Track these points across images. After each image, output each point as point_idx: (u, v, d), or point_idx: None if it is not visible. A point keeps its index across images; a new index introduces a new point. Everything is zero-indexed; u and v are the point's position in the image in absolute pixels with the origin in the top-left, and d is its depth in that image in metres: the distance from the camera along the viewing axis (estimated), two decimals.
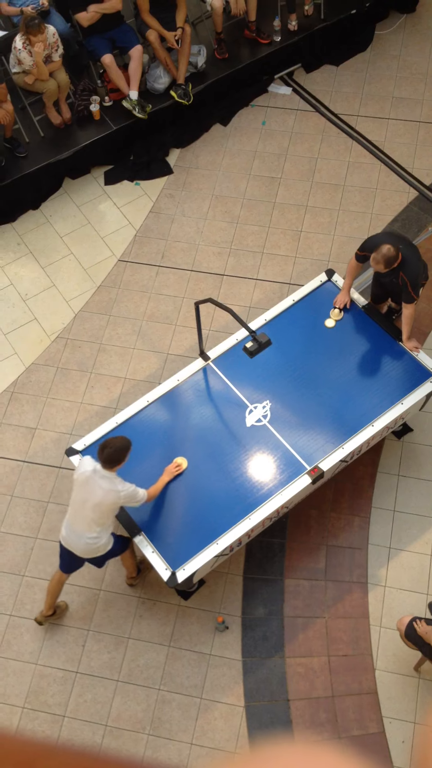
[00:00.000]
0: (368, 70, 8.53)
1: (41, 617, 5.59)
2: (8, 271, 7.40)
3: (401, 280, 5.53)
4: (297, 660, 5.55)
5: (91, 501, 4.84)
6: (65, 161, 7.71)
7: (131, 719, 5.42)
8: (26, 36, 7.00)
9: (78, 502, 4.91)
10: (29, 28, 6.91)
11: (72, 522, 4.98)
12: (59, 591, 5.50)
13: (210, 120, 8.22)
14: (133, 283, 7.24)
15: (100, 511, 4.86)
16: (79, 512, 4.92)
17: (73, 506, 4.96)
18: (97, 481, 4.80)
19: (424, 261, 5.89)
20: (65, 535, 5.06)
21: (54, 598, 5.52)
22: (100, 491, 4.80)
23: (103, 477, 4.80)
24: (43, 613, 5.59)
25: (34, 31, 6.91)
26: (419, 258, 5.70)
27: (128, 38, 7.65)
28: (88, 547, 5.01)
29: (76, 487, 4.92)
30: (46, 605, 5.56)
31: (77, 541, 5.00)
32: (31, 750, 0.59)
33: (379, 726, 5.30)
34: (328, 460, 5.41)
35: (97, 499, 4.82)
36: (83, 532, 4.95)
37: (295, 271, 7.20)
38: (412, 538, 5.94)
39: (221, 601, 5.76)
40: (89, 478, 4.83)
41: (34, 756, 0.58)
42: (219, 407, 5.70)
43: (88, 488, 4.83)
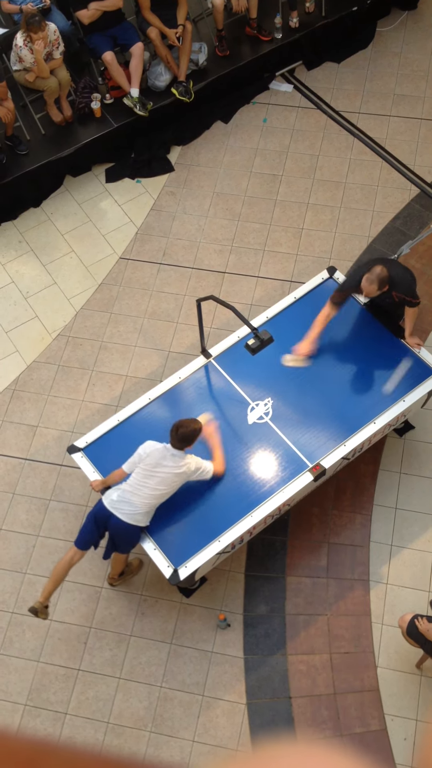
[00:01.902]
0: (369, 67, 8.52)
1: (39, 605, 5.20)
2: (9, 269, 7.40)
3: (397, 297, 5.51)
4: (299, 657, 5.55)
5: (160, 474, 4.95)
6: (66, 159, 7.71)
7: (133, 716, 5.43)
8: (27, 33, 7.00)
9: (146, 472, 4.99)
10: (30, 25, 6.91)
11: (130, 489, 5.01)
12: (64, 576, 5.23)
13: (211, 117, 8.21)
14: (135, 280, 7.24)
15: (163, 488, 4.98)
16: (143, 481, 4.99)
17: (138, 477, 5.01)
18: (164, 462, 4.95)
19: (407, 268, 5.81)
20: (115, 499, 5.04)
21: (56, 584, 5.24)
22: (166, 469, 4.94)
23: (172, 456, 4.96)
24: (41, 600, 5.22)
25: (34, 29, 6.90)
26: (404, 268, 5.61)
27: (129, 36, 7.64)
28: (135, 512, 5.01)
29: (146, 465, 4.99)
30: (47, 591, 5.23)
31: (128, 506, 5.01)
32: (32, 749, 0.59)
33: (381, 723, 5.31)
34: (329, 457, 5.41)
35: (162, 476, 4.94)
36: (142, 497, 4.99)
37: (296, 268, 7.20)
38: (414, 535, 5.94)
39: (223, 599, 5.76)
40: (161, 456, 4.96)
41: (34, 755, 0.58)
42: (221, 405, 5.70)
43: (157, 464, 4.96)
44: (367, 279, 5.33)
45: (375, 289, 5.35)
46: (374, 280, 5.30)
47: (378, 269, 5.33)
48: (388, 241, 7.28)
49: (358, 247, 7.29)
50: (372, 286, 5.33)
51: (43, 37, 6.99)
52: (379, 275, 5.30)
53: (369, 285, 5.34)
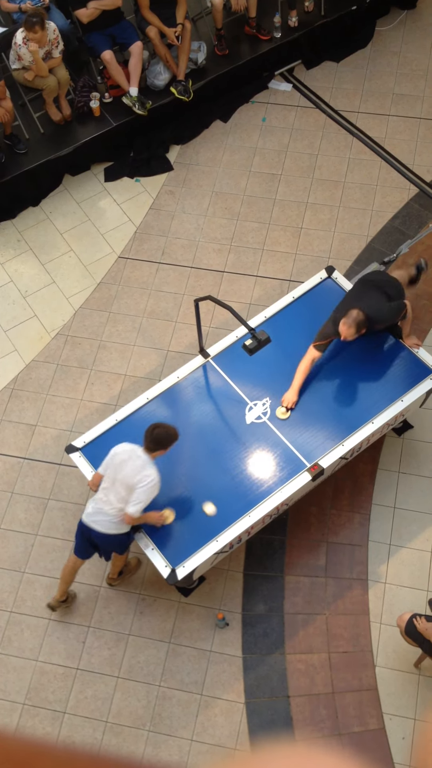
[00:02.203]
0: (369, 67, 8.52)
1: (55, 602, 5.62)
2: (8, 268, 7.40)
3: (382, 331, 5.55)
4: (297, 657, 5.55)
5: (121, 475, 4.90)
6: (65, 158, 7.71)
7: (132, 716, 5.43)
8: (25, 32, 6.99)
9: (112, 477, 4.96)
10: (26, 24, 6.90)
11: (103, 497, 5.00)
12: (72, 578, 5.52)
13: (210, 116, 8.21)
14: (133, 280, 7.24)
15: (127, 487, 4.90)
16: (112, 484, 4.96)
17: (107, 480, 4.99)
18: (133, 458, 4.89)
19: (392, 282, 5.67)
20: (90, 511, 5.06)
21: (67, 585, 5.55)
22: (131, 468, 4.87)
23: (138, 456, 4.88)
24: (56, 597, 5.61)
25: (31, 28, 6.89)
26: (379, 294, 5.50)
27: (128, 35, 7.64)
28: (112, 524, 5.01)
29: (114, 461, 4.96)
30: (60, 591, 5.59)
31: (102, 516, 5.01)
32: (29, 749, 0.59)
33: (380, 722, 5.31)
34: (328, 457, 5.41)
35: (125, 473, 4.88)
36: (114, 504, 4.96)
37: (295, 268, 7.20)
38: (413, 535, 5.95)
39: (221, 598, 5.76)
40: (129, 454, 4.91)
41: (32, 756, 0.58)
42: (219, 404, 5.70)
43: (124, 464, 4.90)
44: (344, 323, 5.32)
45: (353, 333, 5.33)
46: (351, 324, 5.30)
47: (354, 313, 5.29)
48: (386, 241, 7.28)
49: (357, 246, 7.29)
50: (350, 330, 5.32)
51: (38, 38, 6.97)
52: (356, 319, 5.28)
53: (347, 329, 5.32)
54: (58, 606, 5.66)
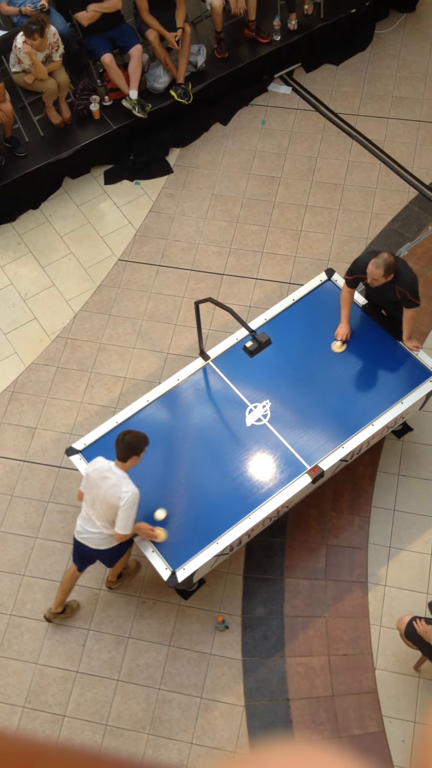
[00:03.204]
0: (368, 70, 8.53)
1: (50, 614, 5.60)
2: (8, 271, 7.40)
3: (399, 293, 5.51)
4: (297, 659, 5.55)
5: (100, 497, 4.88)
6: (65, 161, 7.71)
7: (131, 719, 5.42)
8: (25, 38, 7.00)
9: (92, 498, 4.95)
10: (26, 31, 6.91)
11: (87, 515, 5.01)
12: (71, 587, 5.50)
13: (210, 119, 8.22)
14: (133, 282, 7.24)
15: (105, 506, 4.88)
16: (92, 506, 4.95)
17: (88, 501, 4.99)
18: (107, 476, 4.84)
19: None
20: (79, 529, 5.09)
21: (65, 594, 5.52)
22: (107, 487, 4.83)
23: (114, 474, 4.83)
24: (51, 610, 5.59)
25: (30, 35, 6.90)
26: (409, 268, 5.66)
27: (128, 38, 7.65)
28: (102, 538, 5.03)
29: (89, 482, 4.95)
30: (56, 601, 5.56)
31: (91, 533, 5.02)
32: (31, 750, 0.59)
33: (379, 725, 5.30)
34: (328, 459, 5.41)
35: (103, 494, 4.85)
36: (98, 524, 4.97)
37: (294, 270, 7.20)
38: (412, 537, 5.94)
39: (221, 601, 5.76)
40: (102, 474, 4.87)
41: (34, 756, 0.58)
42: (219, 407, 5.70)
43: (99, 482, 4.87)
44: (373, 263, 5.35)
45: (381, 274, 5.34)
46: (381, 265, 5.32)
47: (385, 255, 5.37)
48: (386, 243, 7.29)
49: (357, 249, 7.29)
50: (378, 271, 5.33)
51: (36, 45, 6.98)
52: (386, 260, 5.32)
53: (375, 269, 5.34)
54: (53, 618, 5.61)
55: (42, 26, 6.91)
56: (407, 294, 5.48)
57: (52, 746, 0.59)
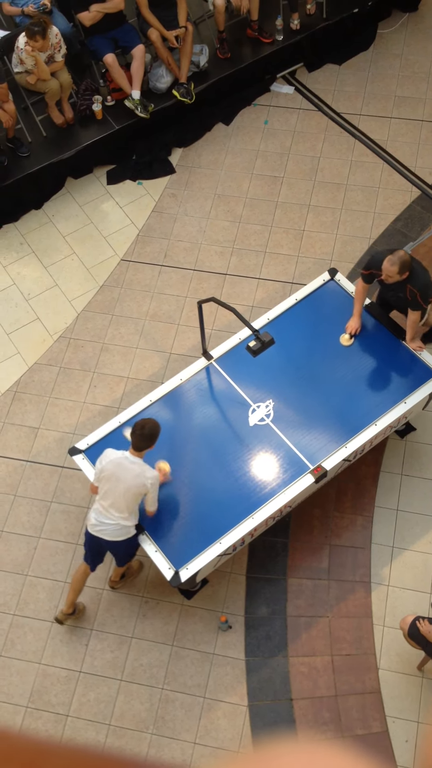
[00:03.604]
0: (371, 69, 8.52)
1: (62, 616, 5.59)
2: (11, 271, 7.41)
3: (410, 293, 5.50)
4: (300, 659, 5.55)
5: (122, 487, 4.91)
6: (67, 161, 7.71)
7: (134, 718, 5.42)
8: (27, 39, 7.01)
9: (109, 489, 4.96)
10: (27, 32, 6.92)
11: (104, 508, 5.01)
12: (82, 586, 5.50)
13: (212, 119, 8.22)
14: (136, 282, 7.24)
15: (130, 496, 4.93)
16: (111, 497, 4.96)
17: (104, 493, 4.99)
18: (128, 466, 4.90)
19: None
20: (94, 522, 5.08)
21: (76, 594, 5.52)
22: (130, 476, 4.88)
23: (133, 462, 4.90)
24: (63, 610, 5.58)
25: (32, 37, 6.90)
26: (425, 270, 5.66)
27: (130, 38, 7.65)
28: (118, 529, 5.04)
29: (106, 474, 4.96)
30: (67, 602, 5.55)
31: (108, 524, 5.03)
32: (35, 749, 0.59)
33: (383, 725, 5.30)
34: (331, 459, 5.41)
35: (126, 484, 4.89)
36: (116, 515, 4.98)
37: (297, 270, 7.20)
38: (416, 537, 5.94)
39: (224, 601, 5.76)
40: (120, 464, 4.91)
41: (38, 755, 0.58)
42: (222, 406, 5.70)
43: (119, 474, 4.90)
44: (389, 260, 5.34)
45: (395, 272, 5.34)
46: (396, 262, 5.32)
47: (401, 252, 5.37)
48: (389, 243, 7.28)
49: (359, 248, 7.29)
50: (393, 268, 5.33)
51: (38, 47, 6.98)
52: (402, 258, 5.32)
53: (390, 266, 5.34)
54: (65, 619, 5.60)
55: (44, 28, 6.91)
56: (418, 295, 5.47)
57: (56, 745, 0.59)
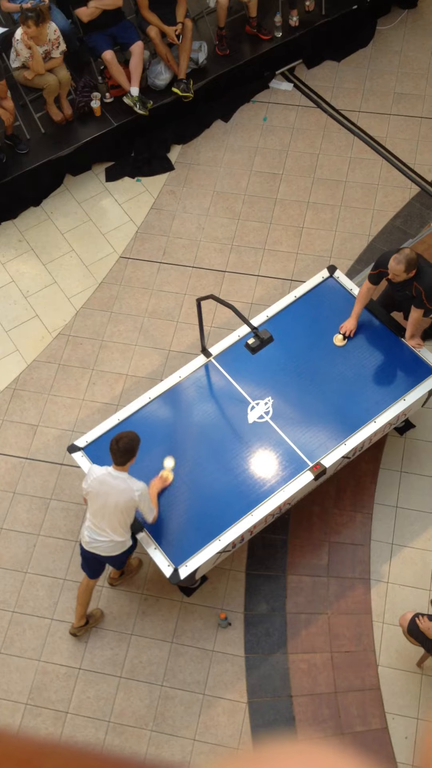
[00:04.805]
0: (370, 66, 8.52)
1: (74, 629, 5.57)
2: (9, 268, 7.40)
3: (415, 290, 5.49)
4: (300, 656, 5.55)
5: (110, 504, 4.83)
6: (66, 158, 7.70)
7: (134, 715, 5.43)
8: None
9: (98, 508, 4.89)
10: (21, 19, 6.91)
11: (95, 527, 4.96)
12: (89, 598, 5.47)
13: (211, 116, 8.21)
14: (135, 279, 7.24)
15: (120, 512, 4.86)
16: (101, 516, 4.90)
17: (94, 512, 4.93)
18: (112, 483, 4.81)
19: None
20: (88, 541, 5.04)
21: (85, 607, 5.49)
22: (117, 493, 4.80)
23: (116, 478, 4.80)
24: (74, 624, 5.57)
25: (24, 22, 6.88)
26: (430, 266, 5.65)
27: (129, 34, 7.64)
28: (112, 545, 5.02)
29: (92, 493, 4.89)
30: (77, 615, 5.53)
31: (101, 542, 5.00)
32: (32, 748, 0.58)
33: (382, 722, 5.31)
34: (330, 456, 5.41)
35: (114, 500, 4.82)
36: (110, 533, 4.95)
37: (296, 267, 7.20)
38: (415, 534, 5.94)
39: (224, 598, 5.76)
40: (104, 481, 4.82)
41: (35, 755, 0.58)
42: (221, 404, 5.69)
43: (105, 491, 4.83)
44: (395, 259, 5.35)
45: (402, 270, 5.34)
46: (402, 261, 5.31)
47: (407, 251, 5.37)
48: (388, 240, 7.28)
49: (359, 245, 7.28)
50: (399, 266, 5.33)
51: (33, 33, 6.95)
52: (408, 256, 5.32)
53: (396, 264, 5.34)
54: (78, 631, 5.58)
55: (38, 14, 6.88)
56: (423, 294, 5.47)
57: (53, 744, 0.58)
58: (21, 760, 0.57)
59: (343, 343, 5.85)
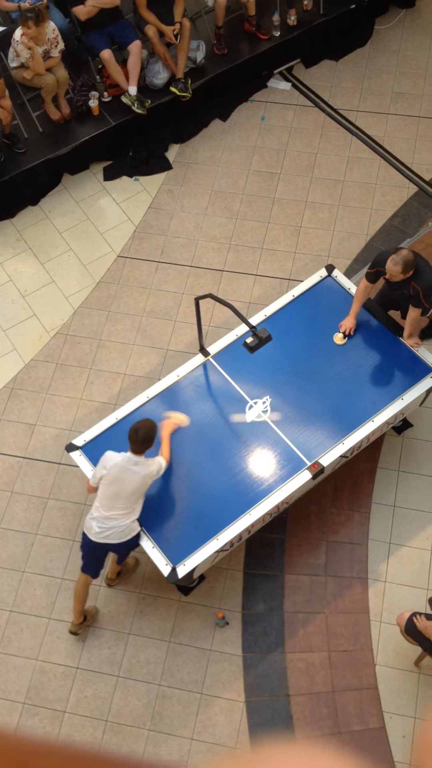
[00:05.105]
0: (368, 65, 8.52)
1: (73, 627, 5.57)
2: (7, 268, 7.40)
3: (413, 290, 5.50)
4: (297, 655, 5.55)
5: (127, 489, 4.92)
6: (64, 157, 7.70)
7: (132, 715, 5.43)
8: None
9: (116, 491, 4.95)
10: (21, 19, 6.90)
11: (106, 509, 4.99)
12: (86, 595, 5.46)
13: (209, 115, 8.21)
14: (133, 279, 7.24)
15: (137, 495, 4.97)
16: (115, 498, 4.96)
17: (108, 497, 4.97)
18: (132, 469, 4.91)
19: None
20: (97, 530, 5.04)
21: (82, 604, 5.49)
22: (136, 477, 4.90)
23: (136, 464, 4.92)
24: (73, 622, 5.57)
25: (24, 23, 6.87)
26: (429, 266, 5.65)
27: (127, 34, 7.63)
28: (124, 529, 5.04)
29: (109, 478, 4.94)
30: (75, 612, 5.52)
31: (114, 529, 5.02)
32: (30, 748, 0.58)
33: (380, 721, 5.31)
34: (328, 455, 5.41)
35: (134, 486, 4.92)
36: (120, 513, 4.99)
37: (294, 266, 7.20)
38: (412, 533, 5.94)
39: (221, 597, 5.76)
40: (124, 467, 4.91)
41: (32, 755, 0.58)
42: (219, 403, 5.69)
43: (124, 477, 4.91)
44: (392, 259, 5.35)
45: (399, 271, 5.34)
46: (399, 261, 5.32)
47: (404, 252, 5.37)
48: (386, 239, 7.28)
49: (357, 245, 7.29)
50: (396, 267, 5.33)
51: (32, 34, 6.95)
52: (405, 257, 5.32)
53: (393, 265, 5.34)
54: (78, 629, 5.58)
55: (38, 15, 6.88)
56: (420, 293, 5.47)
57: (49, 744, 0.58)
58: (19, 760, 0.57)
59: (344, 342, 5.85)
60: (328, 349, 5.86)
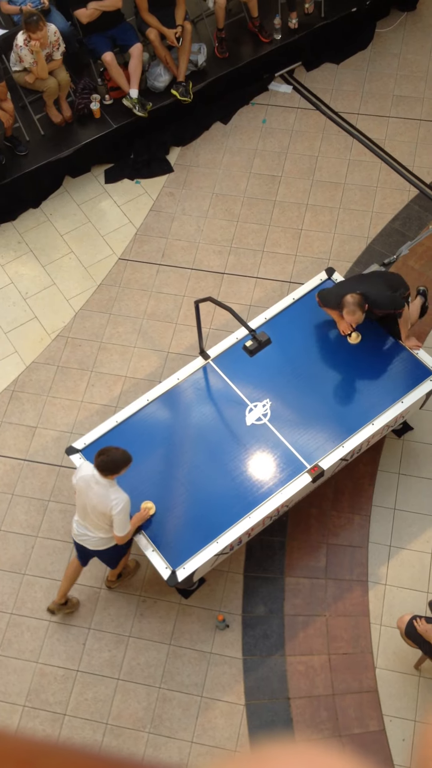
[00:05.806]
0: (369, 68, 8.53)
1: (54, 606, 5.64)
2: (9, 270, 7.40)
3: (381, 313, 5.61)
4: (297, 658, 5.55)
5: (89, 505, 4.89)
6: (66, 160, 7.71)
7: (132, 717, 5.42)
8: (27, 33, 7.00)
9: (81, 506, 4.99)
10: (27, 24, 6.91)
11: (81, 521, 5.07)
12: (76, 578, 5.53)
13: (210, 118, 8.22)
14: (134, 281, 7.24)
15: (98, 515, 4.90)
16: (84, 515, 5.00)
17: (79, 508, 5.04)
18: (93, 487, 4.81)
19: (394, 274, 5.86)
20: (76, 532, 5.15)
21: (69, 584, 5.54)
22: (95, 497, 4.82)
23: (97, 483, 4.79)
24: (56, 600, 5.63)
25: (32, 28, 6.89)
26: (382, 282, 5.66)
27: (128, 36, 7.64)
28: (100, 541, 5.09)
29: (78, 491, 4.97)
30: (60, 592, 5.59)
31: (88, 536, 5.08)
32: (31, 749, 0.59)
33: (380, 724, 5.31)
34: (328, 458, 5.41)
35: (93, 504, 4.86)
36: (93, 530, 5.03)
37: (295, 269, 7.20)
38: (413, 536, 5.94)
39: (222, 600, 5.76)
40: (88, 483, 4.85)
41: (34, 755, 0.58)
42: (219, 406, 5.70)
43: (88, 493, 4.87)
44: (347, 312, 5.46)
45: (361, 316, 5.45)
46: (353, 309, 5.41)
47: (349, 297, 5.43)
48: (386, 242, 7.29)
49: (357, 248, 7.29)
50: (356, 316, 5.45)
51: (40, 37, 6.97)
52: (356, 302, 5.40)
53: (352, 316, 5.46)
54: (58, 610, 5.65)
55: (40, 16, 6.90)
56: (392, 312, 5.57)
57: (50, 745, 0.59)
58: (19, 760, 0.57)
59: (359, 339, 5.84)
60: (328, 352, 5.86)
